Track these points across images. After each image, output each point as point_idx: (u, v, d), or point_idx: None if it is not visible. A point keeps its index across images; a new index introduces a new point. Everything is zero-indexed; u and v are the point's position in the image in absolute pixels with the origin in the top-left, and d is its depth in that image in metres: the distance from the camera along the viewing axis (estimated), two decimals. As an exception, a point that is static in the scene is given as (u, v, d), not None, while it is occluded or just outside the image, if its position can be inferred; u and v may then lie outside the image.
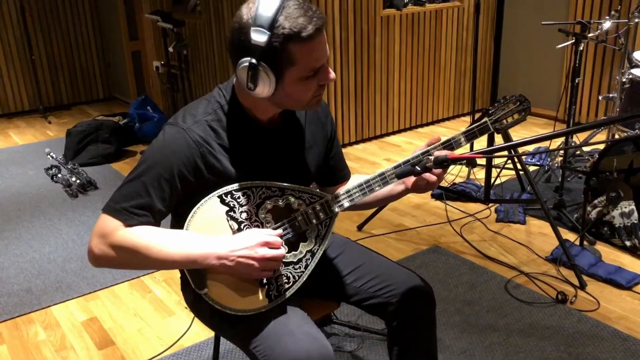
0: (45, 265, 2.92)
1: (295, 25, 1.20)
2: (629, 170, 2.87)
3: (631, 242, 2.78)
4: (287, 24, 1.20)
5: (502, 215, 3.23)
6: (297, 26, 1.20)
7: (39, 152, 4.66)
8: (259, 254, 1.28)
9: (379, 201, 1.53)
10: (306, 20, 1.21)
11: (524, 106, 1.38)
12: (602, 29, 3.31)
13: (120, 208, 1.28)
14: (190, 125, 1.32)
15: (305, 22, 1.21)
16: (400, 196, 1.48)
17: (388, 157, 4.35)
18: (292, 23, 1.20)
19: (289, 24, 1.20)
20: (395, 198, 1.49)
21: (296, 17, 1.21)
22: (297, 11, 1.21)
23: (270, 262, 1.30)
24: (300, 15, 1.21)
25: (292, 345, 1.28)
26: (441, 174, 1.35)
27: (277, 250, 1.31)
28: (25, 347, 2.33)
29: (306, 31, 1.21)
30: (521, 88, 5.09)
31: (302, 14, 1.21)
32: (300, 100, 1.32)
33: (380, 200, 1.52)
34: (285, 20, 1.20)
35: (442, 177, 1.36)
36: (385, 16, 4.48)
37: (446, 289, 2.58)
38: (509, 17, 4.99)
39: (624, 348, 2.15)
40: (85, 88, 6.38)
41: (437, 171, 1.33)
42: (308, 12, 1.22)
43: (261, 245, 1.29)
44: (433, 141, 1.37)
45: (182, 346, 2.28)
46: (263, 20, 1.19)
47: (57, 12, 6.00)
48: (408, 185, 1.41)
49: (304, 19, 1.21)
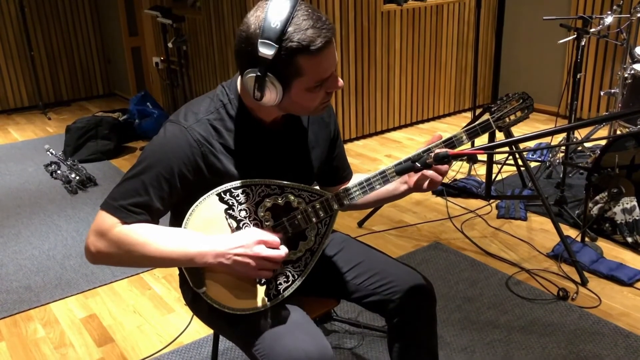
0: (45, 262, 2.91)
1: (304, 38, 1.17)
2: (630, 167, 2.86)
3: (633, 238, 2.77)
4: (295, 36, 1.17)
5: (503, 211, 3.22)
6: (306, 39, 1.17)
7: (39, 149, 4.65)
8: (255, 252, 1.26)
9: (381, 200, 1.51)
10: (315, 32, 1.18)
11: (527, 104, 1.36)
12: (604, 23, 3.29)
13: (119, 206, 1.27)
14: (192, 124, 1.31)
15: (315, 34, 1.18)
16: (403, 195, 1.46)
17: (389, 153, 4.33)
18: (301, 36, 1.17)
19: (297, 36, 1.17)
20: (398, 197, 1.47)
21: (305, 28, 1.17)
22: (307, 22, 1.18)
23: (267, 262, 1.28)
24: (310, 27, 1.18)
25: (291, 344, 1.27)
26: (444, 171, 1.33)
27: (275, 250, 1.29)
28: (24, 344, 2.32)
29: (315, 45, 1.18)
30: (522, 84, 5.07)
31: (311, 25, 1.18)
32: (307, 108, 1.30)
33: (382, 200, 1.51)
34: (294, 33, 1.17)
35: (444, 174, 1.34)
36: (386, 11, 4.46)
37: (447, 285, 2.57)
38: (510, 12, 4.98)
39: (625, 345, 2.14)
40: (85, 84, 6.36)
41: (444, 167, 1.31)
42: (317, 23, 1.19)
43: (257, 243, 1.27)
44: (434, 140, 1.35)
45: (182, 343, 2.27)
46: (271, 32, 1.16)
47: (56, 8, 5.98)
48: (410, 185, 1.39)
49: (312, 31, 1.18)
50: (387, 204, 3.21)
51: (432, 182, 1.34)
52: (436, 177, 1.33)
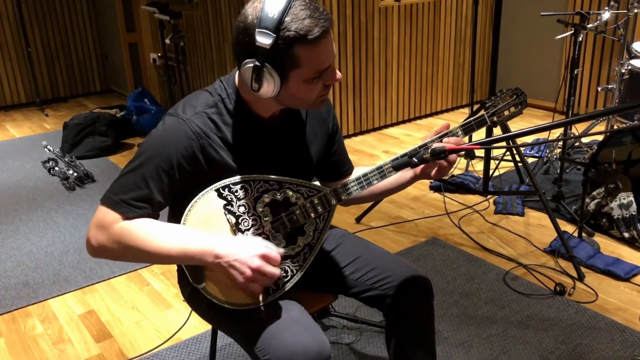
0: (43, 258, 2.91)
1: (302, 27, 1.18)
2: (627, 162, 2.87)
3: (630, 233, 2.78)
4: (293, 26, 1.17)
5: (501, 207, 3.23)
6: (304, 29, 1.18)
7: (36, 145, 4.64)
8: (255, 265, 1.24)
9: (389, 190, 1.51)
10: (313, 22, 1.19)
11: (521, 99, 1.37)
12: (601, 19, 3.29)
13: (119, 200, 1.27)
14: (190, 117, 1.31)
15: (312, 24, 1.18)
16: (410, 183, 1.46)
17: (387, 149, 4.34)
18: (298, 25, 1.18)
19: (295, 26, 1.17)
20: (405, 185, 1.47)
21: (302, 18, 1.18)
22: (304, 12, 1.18)
23: (261, 277, 1.25)
24: (307, 17, 1.18)
25: (290, 339, 1.28)
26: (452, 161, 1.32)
27: (273, 268, 1.26)
28: (22, 340, 2.32)
29: (312, 34, 1.18)
30: (520, 79, 5.07)
31: (308, 15, 1.18)
32: (305, 100, 1.31)
33: (390, 190, 1.50)
34: (292, 22, 1.17)
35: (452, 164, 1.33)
36: (384, 7, 4.46)
37: (444, 280, 2.58)
38: (508, 8, 4.98)
39: (621, 339, 2.16)
40: (82, 80, 6.35)
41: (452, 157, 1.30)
42: (315, 13, 1.19)
43: (260, 257, 1.25)
44: (441, 129, 1.36)
45: (180, 339, 2.28)
46: (268, 21, 1.17)
47: (53, 4, 5.96)
48: (417, 172, 1.39)
49: (310, 21, 1.18)
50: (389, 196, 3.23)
51: (439, 171, 1.34)
52: (443, 165, 1.32)
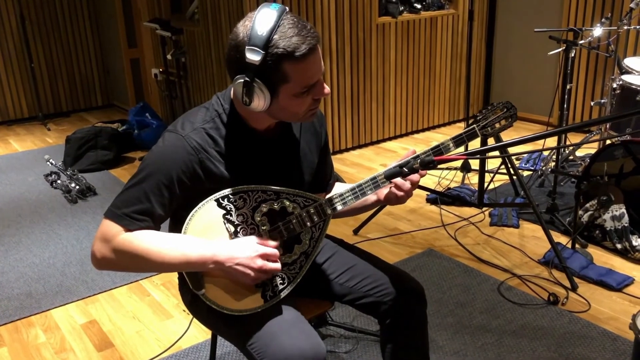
0: (45, 269, 2.96)
1: (289, 44, 1.24)
2: (619, 175, 2.92)
3: (622, 244, 2.82)
4: (281, 43, 1.24)
5: (496, 219, 3.28)
6: (291, 46, 1.24)
7: (39, 159, 4.70)
8: (257, 265, 1.33)
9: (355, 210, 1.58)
10: (300, 39, 1.25)
11: (511, 112, 1.44)
12: (593, 35, 3.37)
13: (122, 213, 1.33)
14: (189, 133, 1.37)
15: (299, 41, 1.25)
16: (374, 207, 1.56)
17: (384, 162, 4.39)
18: (286, 42, 1.24)
19: (283, 43, 1.24)
20: (368, 208, 1.57)
21: (290, 36, 1.25)
22: (292, 30, 1.25)
23: (264, 274, 1.36)
24: (294, 35, 1.25)
25: (286, 342, 1.33)
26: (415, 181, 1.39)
27: (274, 264, 1.36)
28: (25, 349, 2.36)
29: (299, 51, 1.25)
30: (516, 94, 5.14)
31: (296, 33, 1.25)
32: (295, 113, 1.37)
33: (355, 210, 1.58)
34: (280, 40, 1.24)
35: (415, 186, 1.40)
36: (381, 24, 4.54)
37: (440, 291, 2.63)
38: (502, 24, 5.07)
39: (613, 348, 2.20)
40: (84, 95, 6.42)
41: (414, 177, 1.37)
42: (302, 31, 1.26)
43: (260, 257, 1.34)
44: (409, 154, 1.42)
45: (180, 348, 2.32)
46: (258, 39, 1.24)
47: (56, 20, 6.05)
48: (380, 197, 1.48)
49: (297, 39, 1.25)
50: (381, 211, 3.28)
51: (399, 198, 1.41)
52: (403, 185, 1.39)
